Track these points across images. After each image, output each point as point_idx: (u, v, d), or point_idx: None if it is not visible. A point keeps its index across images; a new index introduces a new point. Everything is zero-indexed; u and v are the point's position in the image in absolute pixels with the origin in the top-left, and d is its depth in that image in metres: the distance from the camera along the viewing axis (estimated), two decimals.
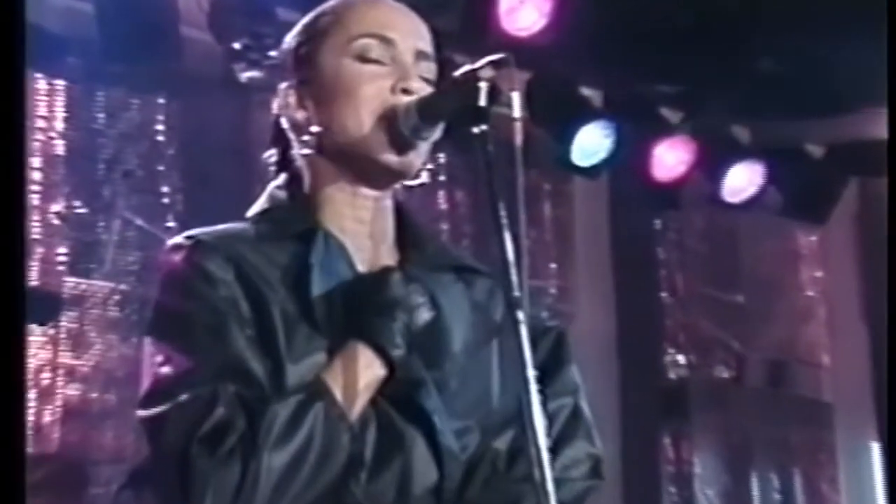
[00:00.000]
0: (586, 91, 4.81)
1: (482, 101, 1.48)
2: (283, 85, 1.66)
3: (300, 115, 1.64)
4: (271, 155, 1.73)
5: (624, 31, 4.46)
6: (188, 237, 1.60)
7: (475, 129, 1.48)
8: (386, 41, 1.62)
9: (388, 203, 1.66)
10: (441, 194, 5.12)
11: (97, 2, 3.80)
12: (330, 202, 1.63)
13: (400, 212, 1.68)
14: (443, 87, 1.59)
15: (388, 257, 1.65)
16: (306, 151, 1.63)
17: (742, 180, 5.03)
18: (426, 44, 1.66)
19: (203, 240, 1.58)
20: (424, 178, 1.65)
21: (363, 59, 1.61)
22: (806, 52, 4.58)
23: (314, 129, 1.61)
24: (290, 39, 1.69)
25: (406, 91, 1.59)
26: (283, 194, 1.65)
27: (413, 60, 1.63)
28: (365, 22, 1.63)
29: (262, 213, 1.64)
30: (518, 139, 1.45)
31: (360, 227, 1.63)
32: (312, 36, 1.65)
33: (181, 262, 1.57)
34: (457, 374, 1.58)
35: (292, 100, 1.64)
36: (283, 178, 1.67)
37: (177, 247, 1.59)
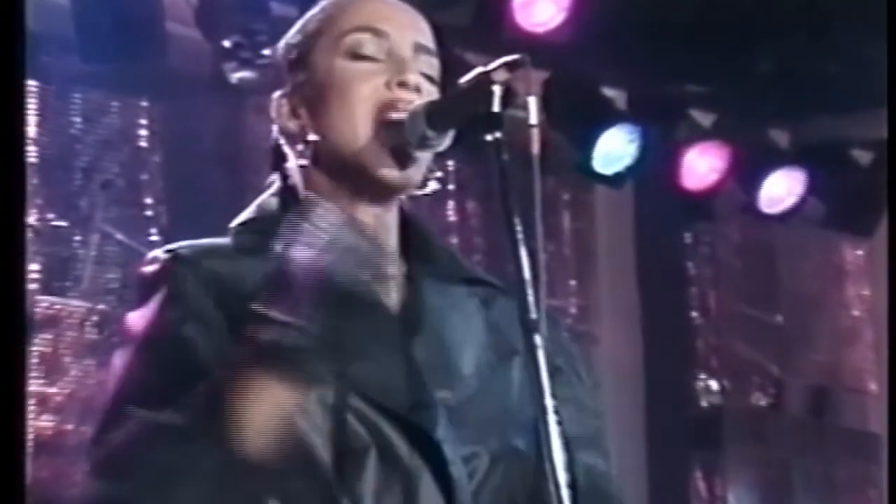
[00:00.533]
0: (609, 92, 4.82)
1: (496, 107, 1.48)
2: (276, 94, 1.67)
3: (293, 125, 1.65)
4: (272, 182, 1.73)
5: (650, 26, 4.46)
6: (167, 251, 1.61)
7: (488, 137, 1.48)
8: (379, 34, 1.63)
9: (391, 217, 1.66)
10: (450, 205, 5.13)
11: None
12: (329, 217, 1.60)
13: (405, 219, 1.69)
14: (452, 91, 1.59)
15: (394, 267, 1.65)
16: (303, 162, 1.63)
17: (780, 189, 5.03)
18: (426, 38, 1.66)
19: (181, 255, 1.60)
20: (434, 185, 1.66)
21: (356, 55, 1.62)
22: (852, 47, 4.58)
23: (311, 137, 1.62)
24: (282, 44, 1.70)
25: (403, 84, 1.60)
26: (274, 202, 1.66)
27: (411, 54, 1.63)
28: (356, 16, 1.64)
29: (246, 224, 1.65)
30: (535, 147, 1.46)
31: (360, 241, 1.62)
32: (304, 38, 1.66)
33: (153, 278, 1.58)
34: (469, 397, 1.59)
35: (285, 109, 1.66)
36: (276, 186, 1.68)
37: (152, 261, 1.61)
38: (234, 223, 1.66)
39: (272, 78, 1.73)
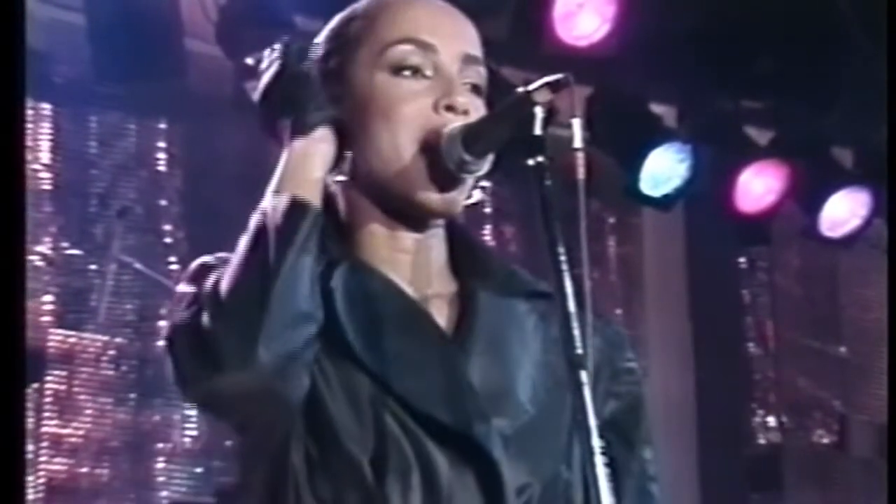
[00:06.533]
0: (657, 108, 4.82)
1: (538, 130, 1.49)
2: None
3: None
4: None
5: (700, 37, 4.46)
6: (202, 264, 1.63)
7: (530, 161, 1.49)
8: (425, 47, 1.62)
9: (435, 237, 1.67)
10: (487, 229, 5.15)
11: (88, 12, 3.86)
12: (366, 236, 1.65)
13: (453, 232, 1.69)
14: (491, 112, 1.59)
15: (443, 285, 1.65)
16: (340, 178, 1.64)
17: (843, 211, 5.00)
18: (474, 46, 1.66)
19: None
20: (474, 198, 1.67)
21: (400, 70, 1.62)
22: None
23: (345, 153, 1.62)
24: (315, 48, 1.68)
25: (450, 108, 1.60)
26: None
27: (459, 67, 1.63)
28: (400, 25, 1.64)
29: None
30: (580, 172, 1.47)
31: (404, 256, 1.64)
32: (342, 44, 1.66)
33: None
34: (525, 424, 1.59)
35: None
36: None
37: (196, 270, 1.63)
38: None
39: None
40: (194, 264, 1.66)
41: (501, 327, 1.63)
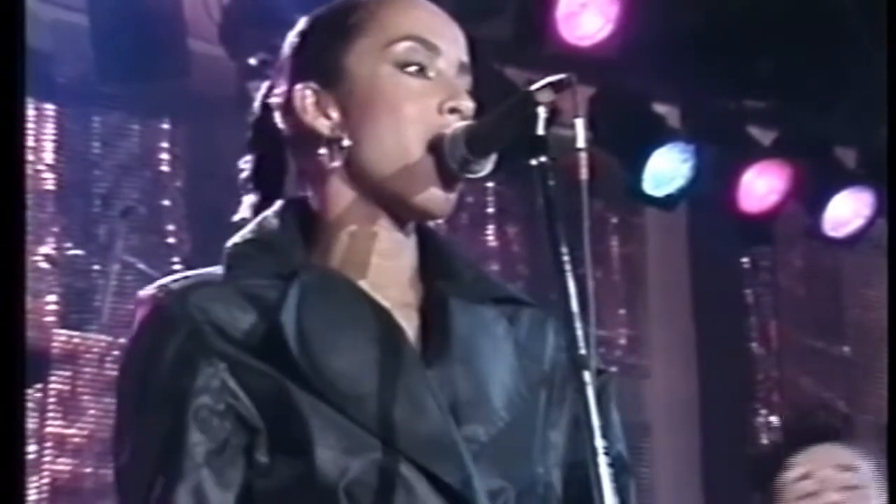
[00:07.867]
0: (660, 108, 4.82)
1: (541, 130, 1.49)
2: (298, 85, 1.65)
3: (322, 125, 1.63)
4: (248, 162, 1.74)
5: (704, 37, 4.46)
6: (158, 287, 1.60)
7: (533, 161, 1.48)
8: (431, 48, 1.62)
9: (411, 239, 1.66)
10: (490, 229, 5.15)
11: (91, 13, 3.87)
12: (342, 235, 1.63)
13: (422, 234, 1.68)
14: (494, 112, 1.59)
15: (413, 292, 1.65)
16: (334, 165, 1.63)
17: (846, 211, 5.01)
18: (466, 55, 1.67)
19: (174, 291, 1.59)
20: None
21: (404, 66, 1.62)
22: None
23: (345, 143, 1.62)
24: (299, 35, 1.68)
25: (455, 111, 1.60)
26: (275, 223, 1.65)
27: (455, 73, 1.64)
28: (407, 22, 1.64)
29: (239, 245, 1.63)
30: (584, 172, 1.47)
31: (379, 261, 1.63)
32: (342, 33, 1.65)
33: (147, 321, 1.60)
34: (500, 430, 1.58)
35: (310, 103, 1.64)
36: (279, 203, 1.67)
37: (144, 301, 1.60)
38: (230, 242, 1.65)
39: (283, 64, 1.69)
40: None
41: (473, 335, 1.62)
